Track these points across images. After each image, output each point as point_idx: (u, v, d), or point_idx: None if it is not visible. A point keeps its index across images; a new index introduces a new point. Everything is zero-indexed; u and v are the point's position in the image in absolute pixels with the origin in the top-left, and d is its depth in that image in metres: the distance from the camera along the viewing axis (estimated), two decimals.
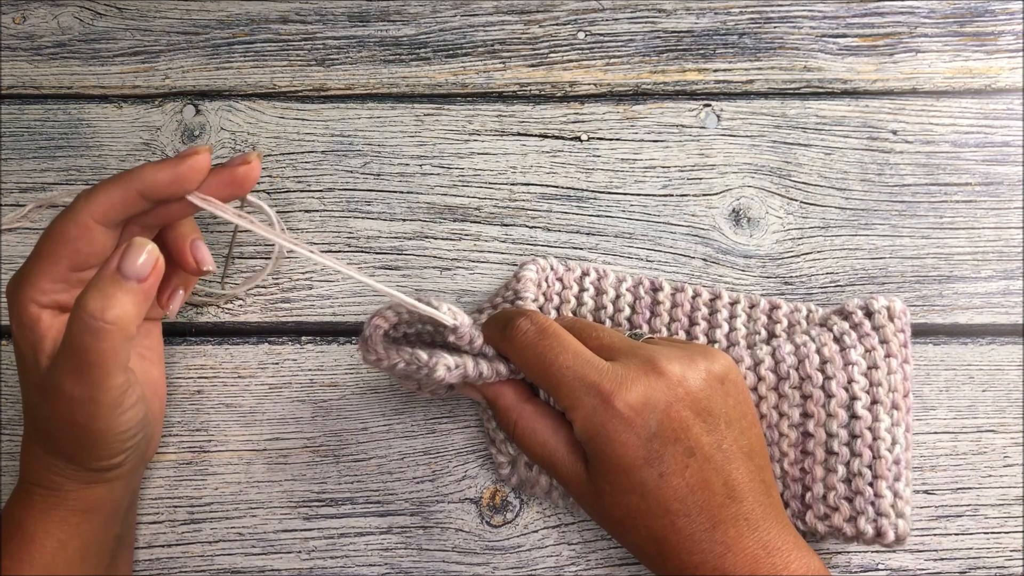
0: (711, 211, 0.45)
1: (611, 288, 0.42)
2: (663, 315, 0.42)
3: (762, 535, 0.32)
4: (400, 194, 0.45)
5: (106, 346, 0.30)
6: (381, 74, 0.48)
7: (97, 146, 0.46)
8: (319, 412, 0.42)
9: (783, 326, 0.41)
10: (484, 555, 0.40)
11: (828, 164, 0.46)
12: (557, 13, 0.49)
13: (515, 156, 0.46)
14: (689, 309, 0.42)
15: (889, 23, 0.48)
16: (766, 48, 0.48)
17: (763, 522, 0.32)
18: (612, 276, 0.43)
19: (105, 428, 0.32)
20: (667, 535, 0.32)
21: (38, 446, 0.34)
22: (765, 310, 0.42)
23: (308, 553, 0.40)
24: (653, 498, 0.32)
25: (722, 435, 0.33)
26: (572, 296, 0.42)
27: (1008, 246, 0.45)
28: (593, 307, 0.42)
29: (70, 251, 0.33)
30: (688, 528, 0.32)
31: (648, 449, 0.32)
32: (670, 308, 0.42)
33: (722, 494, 0.32)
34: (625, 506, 0.33)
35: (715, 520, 0.32)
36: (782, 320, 0.41)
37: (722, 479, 0.32)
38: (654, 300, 0.42)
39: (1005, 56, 0.48)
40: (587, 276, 0.43)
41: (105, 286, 0.30)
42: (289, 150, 0.46)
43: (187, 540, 0.40)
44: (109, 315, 0.29)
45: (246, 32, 0.48)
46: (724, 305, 0.42)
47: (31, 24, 0.48)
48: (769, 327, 0.41)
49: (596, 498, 0.34)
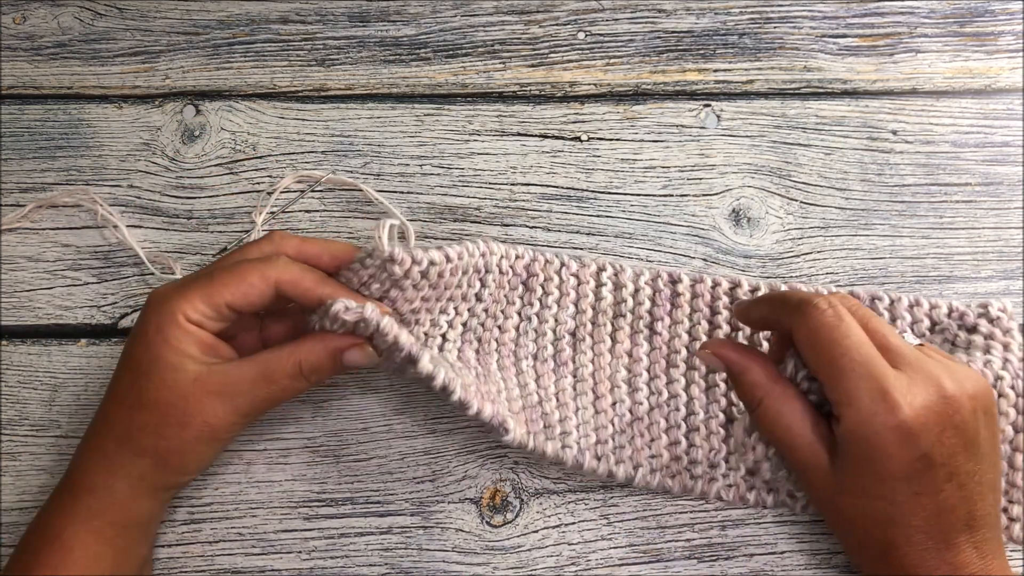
0: (711, 211, 0.45)
1: (630, 282, 0.42)
2: (684, 307, 0.42)
3: (987, 564, 0.33)
4: (400, 194, 0.45)
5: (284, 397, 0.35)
6: (381, 74, 0.47)
7: (97, 146, 0.46)
8: (319, 412, 0.42)
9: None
10: (484, 555, 0.40)
11: (828, 164, 0.46)
12: (557, 13, 0.49)
13: (515, 156, 0.46)
14: (710, 299, 0.42)
15: (889, 23, 0.48)
16: (766, 48, 0.48)
17: (990, 553, 0.33)
18: (629, 270, 0.43)
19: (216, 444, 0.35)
20: (899, 544, 0.33)
21: (116, 444, 0.34)
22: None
23: (308, 553, 0.40)
24: (900, 510, 0.33)
25: (979, 466, 0.34)
26: (590, 291, 0.42)
27: (1008, 246, 0.45)
28: (612, 301, 0.42)
29: (240, 293, 0.34)
30: (923, 543, 0.33)
31: (913, 466, 0.32)
32: (691, 299, 0.42)
33: (963, 520, 0.33)
34: (866, 509, 0.33)
35: (949, 542, 0.33)
36: None
37: (967, 508, 0.33)
38: (674, 292, 0.42)
39: (1005, 56, 0.48)
40: (604, 271, 0.43)
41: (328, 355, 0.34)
42: (289, 150, 0.46)
43: (187, 540, 0.40)
44: (315, 377, 0.35)
45: (246, 32, 0.48)
46: (744, 293, 0.42)
47: (31, 24, 0.48)
48: None
49: (834, 493, 0.34)
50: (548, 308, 0.42)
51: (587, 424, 0.40)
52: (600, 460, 0.39)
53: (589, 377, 0.41)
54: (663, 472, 0.40)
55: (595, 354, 0.42)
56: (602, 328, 0.42)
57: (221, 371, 0.34)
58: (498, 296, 0.41)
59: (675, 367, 0.42)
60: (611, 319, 0.42)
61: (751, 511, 0.41)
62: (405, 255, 0.35)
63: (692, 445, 0.40)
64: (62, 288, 0.44)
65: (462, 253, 0.37)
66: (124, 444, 0.34)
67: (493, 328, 0.41)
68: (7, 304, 0.44)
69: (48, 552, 0.34)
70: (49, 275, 0.44)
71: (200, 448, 0.35)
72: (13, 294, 0.44)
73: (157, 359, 0.34)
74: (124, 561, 0.35)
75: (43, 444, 0.41)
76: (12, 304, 0.44)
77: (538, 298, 0.42)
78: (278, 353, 0.34)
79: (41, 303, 0.44)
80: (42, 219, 0.45)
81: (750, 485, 0.40)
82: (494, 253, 0.40)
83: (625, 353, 0.42)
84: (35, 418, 0.42)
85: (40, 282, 0.44)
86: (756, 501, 0.40)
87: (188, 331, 0.34)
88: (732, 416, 0.41)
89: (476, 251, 0.39)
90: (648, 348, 0.42)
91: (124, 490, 0.34)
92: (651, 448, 0.40)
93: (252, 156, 0.46)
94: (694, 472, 0.40)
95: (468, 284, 0.40)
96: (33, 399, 0.42)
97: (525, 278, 0.42)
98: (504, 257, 0.41)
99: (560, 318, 0.42)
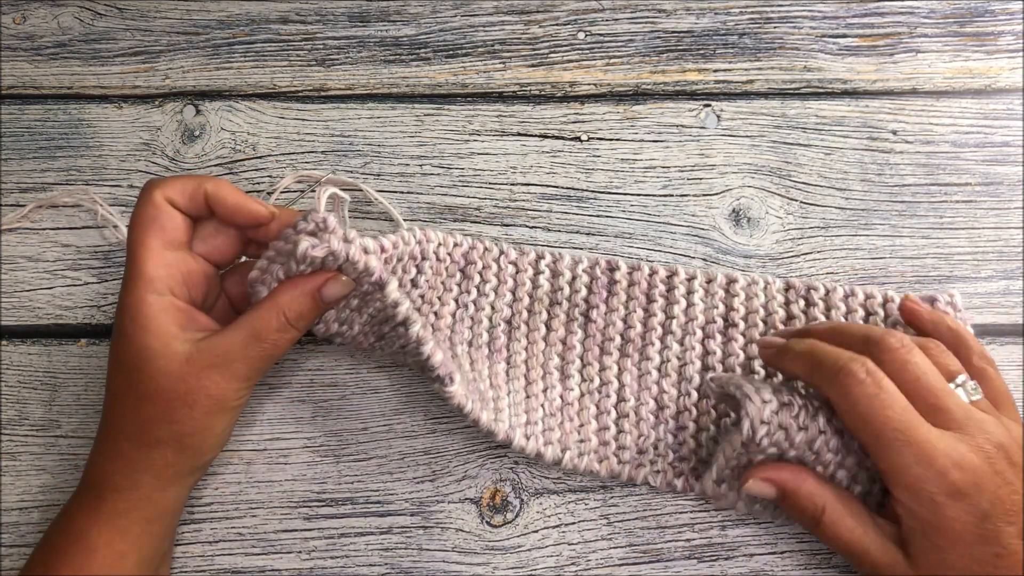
0: (711, 211, 0.45)
1: (567, 270, 0.43)
2: (620, 294, 0.42)
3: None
4: (400, 194, 0.45)
5: (279, 351, 0.35)
6: (381, 74, 0.47)
7: (97, 146, 0.46)
8: (319, 412, 0.42)
9: (740, 299, 0.42)
10: (484, 555, 0.40)
11: (828, 164, 0.46)
12: (557, 13, 0.49)
13: (515, 156, 0.46)
14: (646, 287, 0.43)
15: (889, 23, 0.48)
16: (766, 48, 0.48)
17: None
18: (568, 259, 0.43)
19: (227, 414, 0.35)
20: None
21: (129, 443, 0.35)
22: (722, 284, 0.42)
23: (308, 553, 0.40)
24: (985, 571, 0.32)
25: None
26: (528, 279, 0.42)
27: (1008, 246, 0.45)
28: (549, 289, 0.43)
29: (156, 228, 0.35)
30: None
31: (983, 527, 0.31)
32: (627, 287, 0.43)
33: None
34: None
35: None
36: (739, 294, 0.42)
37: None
38: (611, 280, 0.43)
39: (1005, 56, 0.48)
40: (542, 259, 0.43)
41: (307, 297, 0.34)
42: (289, 150, 0.46)
43: (187, 540, 0.40)
44: (302, 324, 0.35)
45: (246, 32, 0.48)
46: (681, 281, 0.43)
47: (31, 24, 0.48)
48: (727, 301, 0.42)
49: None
50: (485, 296, 0.42)
51: (518, 406, 0.40)
52: (529, 440, 0.39)
53: (522, 364, 0.42)
54: (591, 456, 0.40)
55: (529, 342, 0.42)
56: (537, 316, 0.42)
57: (209, 344, 0.34)
58: (435, 283, 0.41)
59: (608, 354, 0.42)
60: (547, 307, 0.43)
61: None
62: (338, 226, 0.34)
63: (621, 431, 0.41)
64: (62, 288, 0.44)
65: (397, 243, 0.37)
66: (138, 440, 0.34)
67: (429, 314, 0.41)
68: (7, 304, 0.44)
69: (72, 552, 0.34)
70: (49, 275, 0.44)
71: (213, 422, 0.35)
72: (13, 294, 0.44)
73: (142, 350, 0.34)
74: (147, 558, 0.35)
75: (43, 444, 0.41)
76: (12, 304, 0.44)
77: (475, 285, 0.42)
78: (259, 311, 0.34)
79: (41, 303, 0.44)
80: (42, 219, 0.45)
81: (678, 471, 0.40)
82: (431, 241, 0.40)
83: (559, 340, 0.42)
84: (35, 418, 0.42)
85: (40, 282, 0.44)
86: (684, 487, 0.40)
87: (160, 294, 0.34)
88: (663, 403, 0.41)
89: (412, 239, 0.39)
90: (582, 336, 0.42)
91: (151, 483, 0.35)
92: (580, 432, 0.41)
93: (252, 156, 0.46)
94: (622, 457, 0.40)
95: (404, 271, 0.39)
96: (33, 399, 0.42)
97: (463, 265, 0.42)
98: (442, 244, 0.41)
99: (497, 306, 0.42)
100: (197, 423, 0.34)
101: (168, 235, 0.35)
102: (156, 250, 0.34)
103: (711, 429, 0.40)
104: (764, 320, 0.42)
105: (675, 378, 0.41)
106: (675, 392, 0.41)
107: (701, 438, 0.40)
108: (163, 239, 0.34)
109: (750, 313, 0.42)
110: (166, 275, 0.34)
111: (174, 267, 0.35)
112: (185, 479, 0.36)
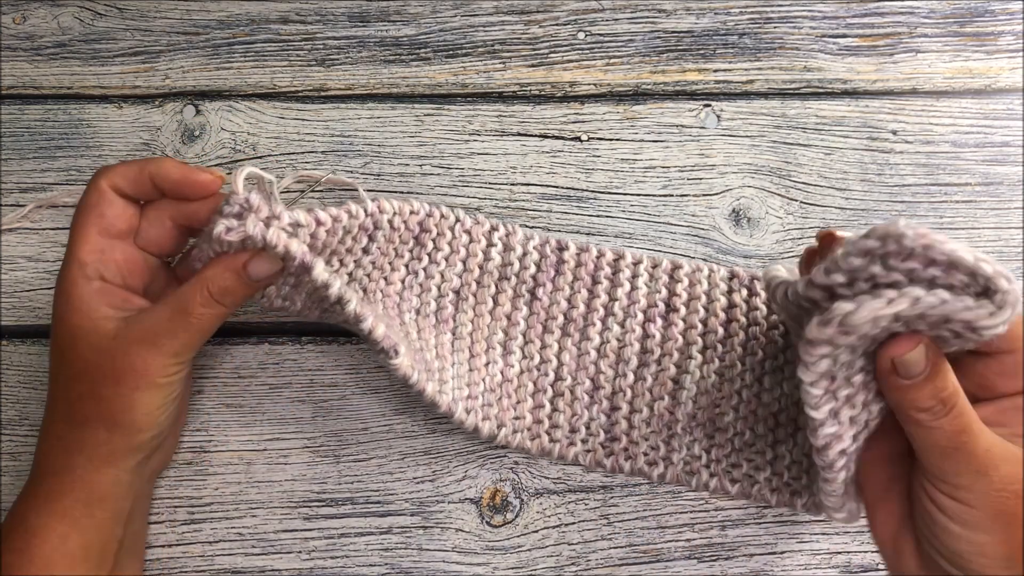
0: (711, 211, 0.45)
1: (519, 245, 0.43)
2: (567, 274, 0.43)
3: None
4: (400, 194, 0.45)
5: (207, 326, 0.34)
6: (381, 74, 0.47)
7: (97, 146, 0.46)
8: (319, 412, 0.42)
9: (684, 285, 0.42)
10: (484, 555, 0.40)
11: (828, 164, 0.46)
12: (557, 13, 0.49)
13: (515, 156, 0.46)
14: (593, 268, 0.43)
15: (889, 23, 0.48)
16: (766, 48, 0.48)
17: None
18: (521, 233, 0.43)
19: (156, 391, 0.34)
20: None
21: (63, 424, 0.35)
22: (667, 270, 0.43)
23: (308, 553, 0.40)
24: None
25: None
26: (480, 251, 0.42)
27: (1008, 246, 0.45)
28: (500, 263, 0.43)
29: (95, 216, 0.35)
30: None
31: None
32: (574, 267, 0.43)
33: None
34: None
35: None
36: (683, 279, 0.42)
37: None
38: (559, 259, 0.43)
39: (1005, 56, 0.48)
40: (496, 231, 0.43)
41: (231, 273, 0.34)
42: (289, 150, 0.46)
43: (187, 540, 0.40)
44: (228, 299, 0.34)
45: (246, 32, 0.48)
46: (627, 265, 0.43)
47: (31, 24, 0.48)
48: (670, 287, 0.42)
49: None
50: (436, 264, 0.42)
51: (461, 379, 0.40)
52: (469, 414, 0.39)
53: (467, 336, 0.42)
54: (524, 433, 0.40)
55: (476, 315, 0.42)
56: (486, 289, 0.42)
57: (136, 319, 0.34)
58: (387, 250, 0.40)
59: (550, 332, 0.42)
60: (496, 280, 0.43)
61: (751, 511, 0.41)
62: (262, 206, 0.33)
63: (556, 409, 0.41)
64: None
65: (340, 216, 0.36)
66: (71, 420, 0.35)
67: (379, 280, 0.41)
68: (7, 304, 0.44)
69: (13, 537, 0.34)
70: (49, 275, 0.44)
71: (142, 398, 0.34)
72: (13, 294, 0.44)
73: (73, 329, 0.34)
74: (94, 543, 0.35)
75: None
76: (12, 304, 0.44)
77: (427, 253, 0.41)
78: (185, 287, 0.34)
79: (41, 303, 0.44)
80: (42, 219, 0.45)
81: (608, 451, 0.40)
82: (384, 212, 0.39)
83: (504, 316, 0.42)
84: (35, 418, 0.42)
85: (40, 282, 0.44)
86: (612, 467, 0.40)
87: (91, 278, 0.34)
88: (599, 384, 0.41)
89: (362, 213, 0.38)
90: (527, 312, 0.42)
91: (84, 464, 0.35)
92: (516, 409, 0.41)
93: (252, 156, 0.46)
94: (554, 436, 0.41)
95: (354, 240, 0.39)
96: (33, 399, 0.42)
97: (417, 233, 0.41)
98: (397, 214, 0.40)
99: (447, 275, 0.42)
100: (124, 400, 0.34)
101: (106, 222, 0.35)
102: (92, 236, 0.35)
103: (644, 411, 0.41)
104: (705, 307, 0.42)
105: (613, 359, 0.42)
106: (612, 373, 0.42)
107: (634, 419, 0.41)
108: (100, 226, 0.35)
109: (692, 299, 0.42)
110: (98, 260, 0.35)
111: (108, 254, 0.35)
112: (122, 460, 0.35)
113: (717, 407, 0.40)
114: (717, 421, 0.40)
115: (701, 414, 0.40)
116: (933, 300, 0.27)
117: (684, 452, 0.40)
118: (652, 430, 0.40)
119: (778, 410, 0.40)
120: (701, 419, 0.40)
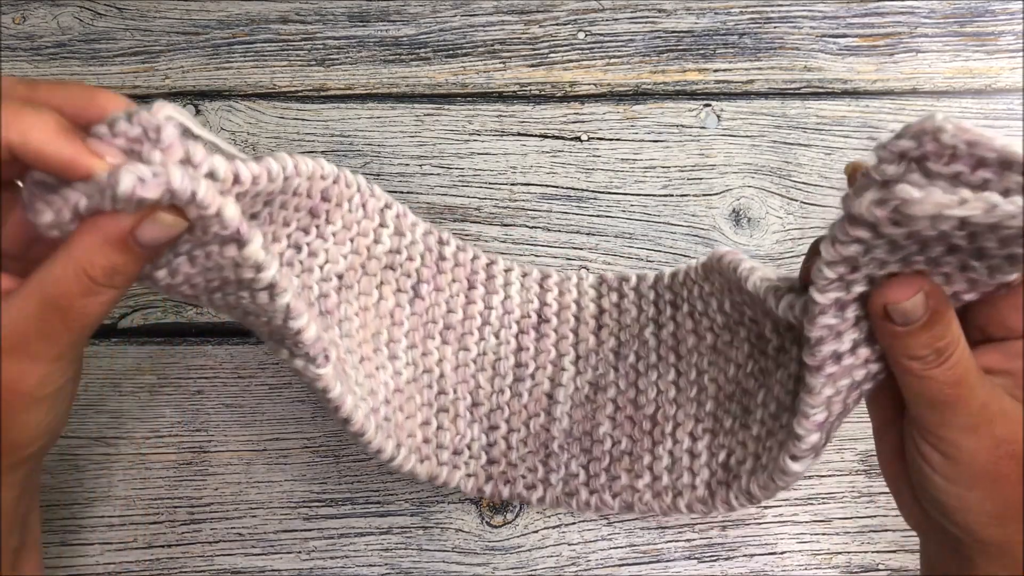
0: (711, 211, 0.45)
1: (408, 231, 0.37)
2: (447, 273, 0.39)
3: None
4: (400, 194, 0.45)
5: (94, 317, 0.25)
6: (381, 74, 0.48)
7: None
8: (319, 412, 0.42)
9: (554, 295, 0.40)
10: (484, 555, 0.40)
11: (828, 164, 0.46)
12: (557, 13, 0.49)
13: (515, 156, 0.46)
14: (468, 272, 0.40)
15: (889, 23, 0.48)
16: (766, 48, 0.48)
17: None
18: (411, 217, 0.37)
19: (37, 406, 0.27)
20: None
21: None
22: (537, 279, 0.41)
23: (308, 553, 0.40)
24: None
25: None
26: (372, 230, 0.36)
27: None
28: (388, 248, 0.37)
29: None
30: None
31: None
32: (453, 267, 0.39)
33: None
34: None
35: None
36: (552, 289, 0.40)
37: None
38: (440, 255, 0.39)
39: (1005, 56, 0.48)
40: (389, 210, 0.36)
41: (115, 247, 0.24)
42: (289, 150, 0.46)
43: (187, 540, 0.40)
44: (118, 280, 0.25)
45: (246, 32, 0.48)
46: (499, 271, 0.40)
47: (31, 24, 0.48)
48: (541, 296, 0.40)
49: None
50: (323, 240, 0.34)
51: (362, 386, 0.34)
52: (378, 433, 0.34)
53: (355, 333, 0.35)
54: (416, 455, 0.36)
55: (360, 307, 0.36)
56: (372, 278, 0.36)
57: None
58: (276, 216, 0.32)
59: (431, 338, 0.38)
60: (381, 269, 0.37)
61: (751, 511, 0.41)
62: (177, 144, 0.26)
63: (440, 427, 0.37)
64: None
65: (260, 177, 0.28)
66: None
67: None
68: None
69: None
70: None
71: (20, 419, 0.27)
72: None
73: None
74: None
75: None
76: None
77: (316, 225, 0.34)
78: (51, 269, 0.24)
79: None
80: None
81: (488, 475, 0.38)
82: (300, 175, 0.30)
83: (388, 312, 0.37)
84: None
85: None
86: (492, 493, 0.38)
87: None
88: (478, 399, 0.38)
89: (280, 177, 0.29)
90: (409, 312, 0.38)
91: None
92: (407, 426, 0.36)
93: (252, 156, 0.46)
94: (440, 458, 0.37)
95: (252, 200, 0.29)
96: None
97: (317, 202, 0.33)
98: (310, 178, 0.31)
99: (332, 255, 0.34)
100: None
101: None
102: None
103: (521, 430, 0.38)
104: (576, 316, 0.40)
105: (490, 373, 0.39)
106: (489, 389, 0.39)
107: (512, 439, 0.38)
108: None
109: (562, 309, 0.40)
110: None
111: None
112: (6, 477, 0.28)
113: (593, 418, 0.38)
114: (593, 433, 0.38)
115: (576, 428, 0.38)
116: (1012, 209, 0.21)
117: (562, 472, 0.38)
118: (529, 450, 0.38)
119: (655, 411, 0.37)
120: (577, 433, 0.38)
